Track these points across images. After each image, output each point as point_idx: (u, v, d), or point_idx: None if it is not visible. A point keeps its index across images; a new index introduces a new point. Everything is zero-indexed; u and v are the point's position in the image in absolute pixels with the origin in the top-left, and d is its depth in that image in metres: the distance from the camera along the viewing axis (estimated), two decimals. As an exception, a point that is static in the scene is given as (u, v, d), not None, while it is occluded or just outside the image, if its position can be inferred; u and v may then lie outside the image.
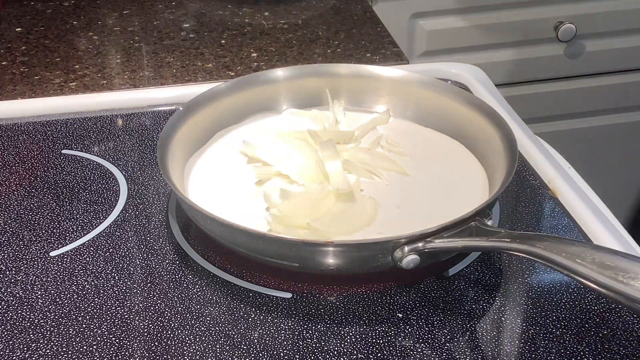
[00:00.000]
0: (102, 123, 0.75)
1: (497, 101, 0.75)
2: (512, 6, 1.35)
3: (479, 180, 0.62)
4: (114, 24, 0.99)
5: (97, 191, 0.65)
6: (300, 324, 0.51)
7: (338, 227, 0.55)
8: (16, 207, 0.63)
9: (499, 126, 0.62)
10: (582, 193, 0.62)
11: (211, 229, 0.55)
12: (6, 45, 0.93)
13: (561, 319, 0.51)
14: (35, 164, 0.69)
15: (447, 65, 0.83)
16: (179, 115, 0.64)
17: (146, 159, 0.69)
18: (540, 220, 0.60)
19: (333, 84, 0.71)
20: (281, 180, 0.62)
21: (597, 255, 0.44)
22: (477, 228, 0.51)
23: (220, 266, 0.56)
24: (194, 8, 1.03)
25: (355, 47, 0.91)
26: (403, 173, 0.63)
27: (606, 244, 0.56)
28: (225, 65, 0.87)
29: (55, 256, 0.57)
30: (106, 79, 0.85)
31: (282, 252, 0.52)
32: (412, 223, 0.56)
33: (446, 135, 0.67)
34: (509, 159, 0.58)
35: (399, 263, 0.50)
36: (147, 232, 0.60)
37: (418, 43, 1.38)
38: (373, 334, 0.50)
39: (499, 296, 0.53)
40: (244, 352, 0.48)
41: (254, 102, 0.70)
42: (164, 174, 0.57)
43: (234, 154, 0.65)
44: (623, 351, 0.48)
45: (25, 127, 0.75)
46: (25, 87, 0.83)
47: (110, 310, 0.52)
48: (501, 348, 0.48)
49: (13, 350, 0.49)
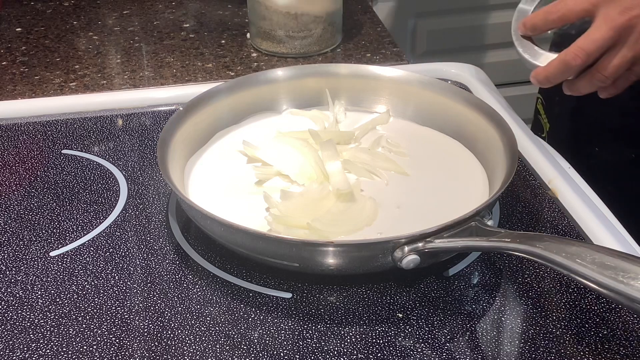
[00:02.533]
0: (102, 123, 0.75)
1: (497, 101, 0.75)
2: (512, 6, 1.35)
3: (479, 180, 0.62)
4: (114, 24, 0.99)
5: (97, 191, 0.65)
6: (300, 324, 0.51)
7: (338, 227, 0.55)
8: (16, 207, 0.63)
9: (499, 126, 0.62)
10: (582, 193, 0.62)
11: (211, 229, 0.55)
12: (6, 45, 0.93)
13: (561, 319, 0.51)
14: (35, 164, 0.69)
15: (447, 65, 0.83)
16: (179, 115, 0.64)
17: (146, 159, 0.69)
18: (540, 220, 0.60)
19: (333, 84, 0.71)
20: (281, 180, 0.62)
21: (597, 255, 0.44)
22: (477, 228, 0.51)
23: (220, 266, 0.56)
24: (194, 8, 1.03)
25: (355, 47, 0.91)
26: (403, 173, 0.63)
27: (606, 244, 0.56)
28: (225, 65, 0.87)
29: (55, 256, 0.57)
30: (106, 79, 0.85)
31: (282, 252, 0.52)
32: (412, 223, 0.56)
33: (446, 135, 0.67)
34: (509, 159, 0.58)
35: (399, 263, 0.50)
36: (147, 232, 0.60)
37: (418, 43, 1.38)
38: (373, 334, 0.50)
39: (499, 296, 0.53)
40: (244, 352, 0.48)
41: (254, 102, 0.70)
42: (164, 174, 0.57)
43: (234, 154, 0.65)
44: (623, 351, 0.48)
45: (25, 127, 0.75)
46: (25, 87, 0.83)
47: (110, 310, 0.52)
48: (501, 348, 0.48)
49: (13, 350, 0.49)
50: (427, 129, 0.69)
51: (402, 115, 0.70)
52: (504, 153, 0.59)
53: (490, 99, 0.75)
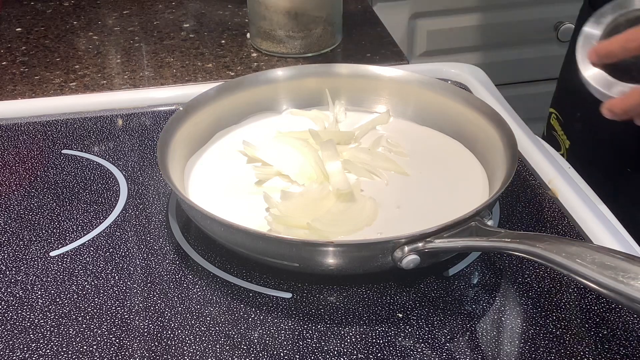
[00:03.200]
0: (102, 123, 0.75)
1: (497, 101, 0.75)
2: (512, 6, 1.35)
3: (479, 180, 0.62)
4: (114, 24, 0.99)
5: (97, 191, 0.65)
6: (300, 324, 0.51)
7: (338, 227, 0.55)
8: (16, 207, 0.63)
9: (499, 126, 0.62)
10: (582, 193, 0.62)
11: (211, 229, 0.55)
12: (6, 45, 0.93)
13: (561, 319, 0.51)
14: (35, 164, 0.69)
15: (447, 65, 0.83)
16: (179, 115, 0.64)
17: (146, 159, 0.69)
18: (540, 220, 0.60)
19: (333, 84, 0.71)
20: (281, 180, 0.62)
21: (597, 255, 0.44)
22: (477, 228, 0.51)
23: (220, 266, 0.56)
24: (194, 8, 1.03)
25: (355, 47, 0.91)
26: (403, 173, 0.63)
27: (606, 244, 0.56)
28: (225, 65, 0.87)
29: (55, 256, 0.57)
30: (106, 79, 0.85)
31: (282, 252, 0.52)
32: (412, 223, 0.56)
33: (446, 135, 0.67)
34: (509, 159, 0.58)
35: (399, 263, 0.50)
36: (147, 232, 0.60)
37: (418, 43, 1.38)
38: (373, 334, 0.50)
39: (499, 296, 0.53)
40: (244, 352, 0.48)
41: (254, 102, 0.70)
42: (164, 174, 0.57)
43: (234, 154, 0.65)
44: (623, 351, 0.48)
45: (25, 127, 0.75)
46: (25, 87, 0.83)
47: (110, 310, 0.52)
48: (501, 348, 0.48)
49: (13, 350, 0.49)
50: (427, 129, 0.69)
51: (402, 115, 0.70)
52: (504, 153, 0.59)
53: (490, 99, 0.75)
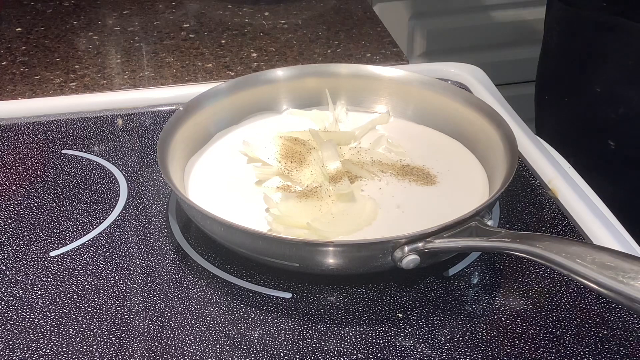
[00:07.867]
0: (102, 123, 0.75)
1: (497, 101, 0.75)
2: (512, 6, 1.35)
3: (479, 180, 0.62)
4: (114, 24, 0.99)
5: (97, 191, 0.65)
6: (300, 324, 0.51)
7: (338, 227, 0.55)
8: (16, 207, 0.63)
9: (499, 126, 0.62)
10: (582, 193, 0.62)
11: (211, 229, 0.55)
12: (6, 45, 0.93)
13: (561, 319, 0.51)
14: (35, 164, 0.69)
15: (447, 65, 0.83)
16: (179, 115, 0.64)
17: (146, 159, 0.69)
18: (540, 220, 0.60)
19: (333, 84, 0.71)
20: (281, 180, 0.62)
21: (597, 255, 0.44)
22: (477, 228, 0.51)
23: (220, 266, 0.56)
24: (194, 8, 1.03)
25: (355, 47, 0.91)
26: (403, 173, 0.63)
27: (606, 244, 0.56)
28: (225, 65, 0.87)
29: (55, 256, 0.57)
30: (106, 79, 0.85)
31: (282, 252, 0.52)
32: (412, 223, 0.56)
33: (446, 135, 0.67)
34: (509, 159, 0.58)
35: (399, 263, 0.50)
36: (147, 232, 0.60)
37: (418, 43, 1.38)
38: (373, 334, 0.50)
39: (499, 296, 0.53)
40: (244, 352, 0.48)
41: (254, 102, 0.70)
42: (164, 174, 0.57)
43: (234, 154, 0.65)
44: (623, 351, 0.48)
45: (25, 127, 0.75)
46: (25, 87, 0.83)
47: (110, 310, 0.52)
48: (501, 348, 0.48)
49: (13, 350, 0.49)
50: (428, 129, 0.68)
51: (402, 115, 0.70)
52: (504, 153, 0.59)
53: (490, 99, 0.75)
